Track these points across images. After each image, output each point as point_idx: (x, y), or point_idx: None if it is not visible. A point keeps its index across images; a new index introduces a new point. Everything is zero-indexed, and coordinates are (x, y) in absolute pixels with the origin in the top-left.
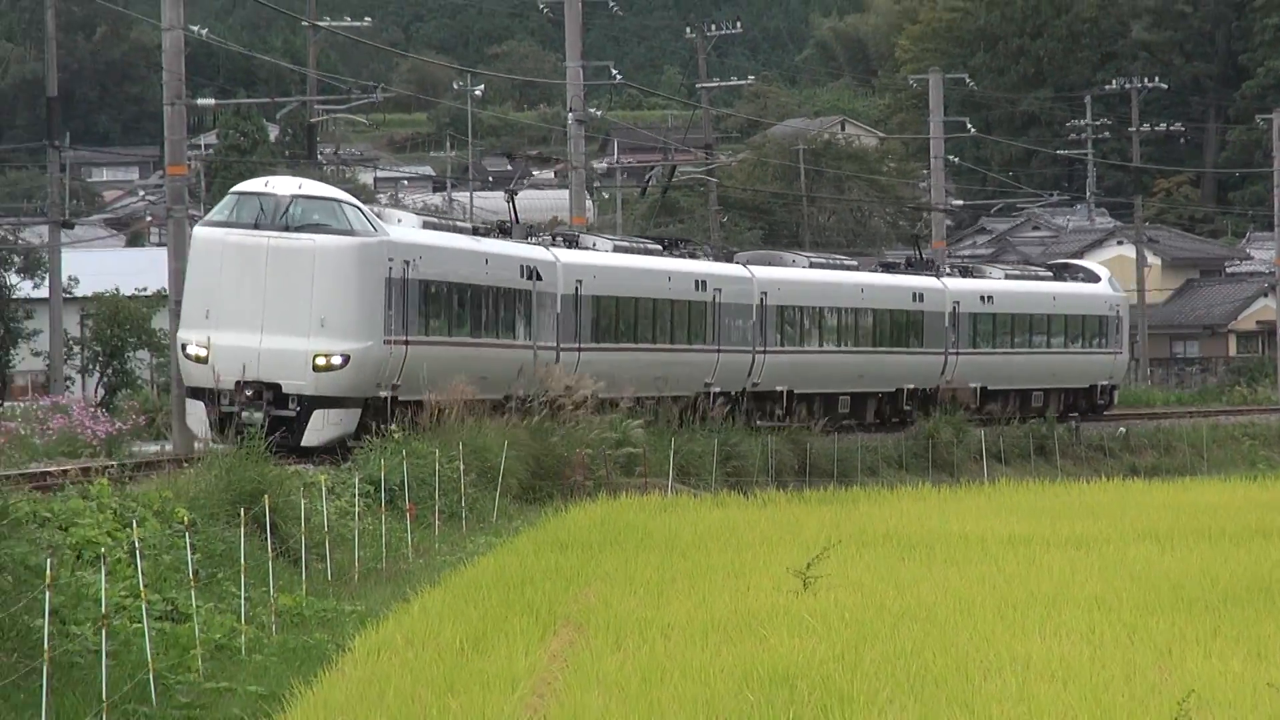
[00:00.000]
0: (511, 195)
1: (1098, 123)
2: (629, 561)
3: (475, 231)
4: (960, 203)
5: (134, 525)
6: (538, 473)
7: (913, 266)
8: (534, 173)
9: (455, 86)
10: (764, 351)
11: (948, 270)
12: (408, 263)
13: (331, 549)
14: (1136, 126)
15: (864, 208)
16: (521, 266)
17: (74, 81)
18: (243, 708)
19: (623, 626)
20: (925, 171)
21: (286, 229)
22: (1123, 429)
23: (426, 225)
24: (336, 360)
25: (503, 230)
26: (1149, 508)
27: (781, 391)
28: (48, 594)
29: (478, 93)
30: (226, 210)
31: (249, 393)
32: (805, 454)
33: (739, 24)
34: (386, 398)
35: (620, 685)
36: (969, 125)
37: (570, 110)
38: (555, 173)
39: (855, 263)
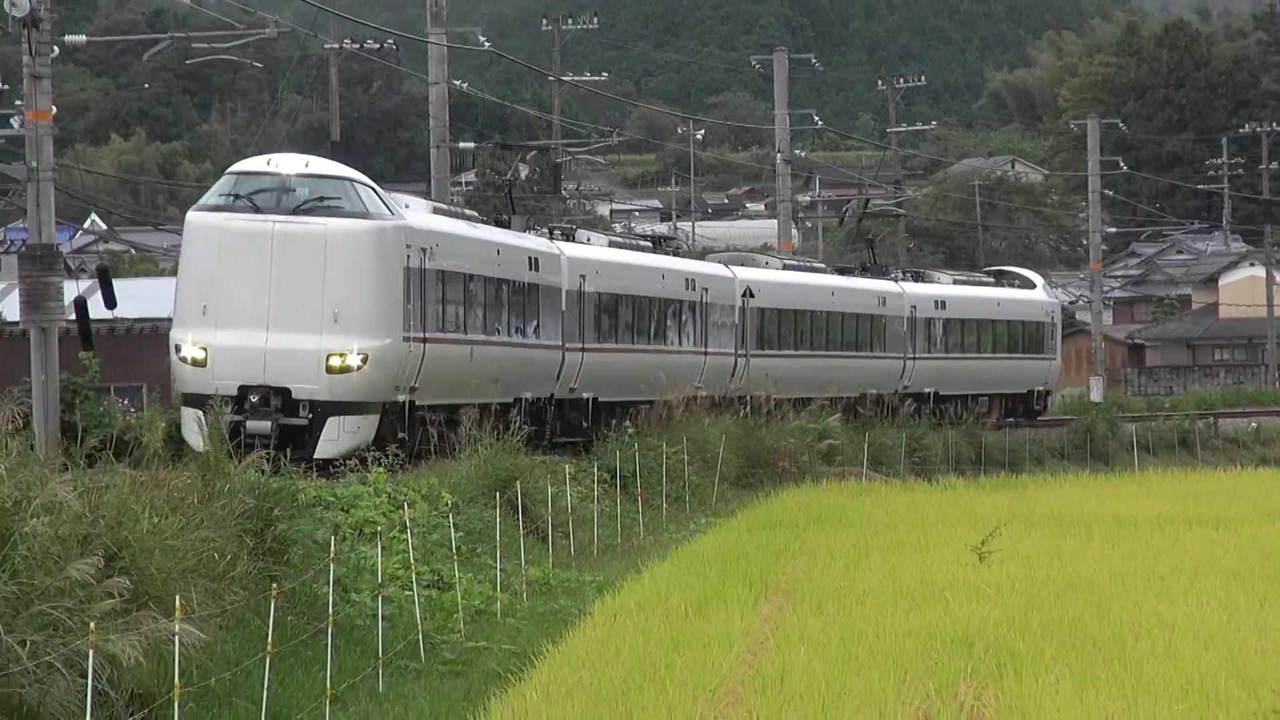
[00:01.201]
0: (509, 185)
1: (1232, 161)
2: (829, 538)
3: (468, 221)
4: (1113, 230)
5: (405, 507)
6: (749, 462)
7: (868, 271)
8: (747, 205)
9: (679, 131)
10: (746, 356)
11: (901, 275)
12: (425, 250)
13: (574, 528)
14: (1266, 164)
15: (1031, 235)
16: (529, 258)
17: (354, 128)
18: (498, 663)
19: (824, 594)
20: (1084, 203)
21: (293, 212)
22: (1254, 424)
23: (436, 211)
24: (353, 360)
25: (499, 223)
26: (1278, 493)
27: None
28: (332, 566)
29: (699, 136)
30: (224, 192)
31: (254, 399)
32: (980, 446)
33: (923, 77)
34: (404, 402)
35: (822, 645)
36: (1121, 163)
37: (778, 151)
38: (765, 205)
39: (823, 265)
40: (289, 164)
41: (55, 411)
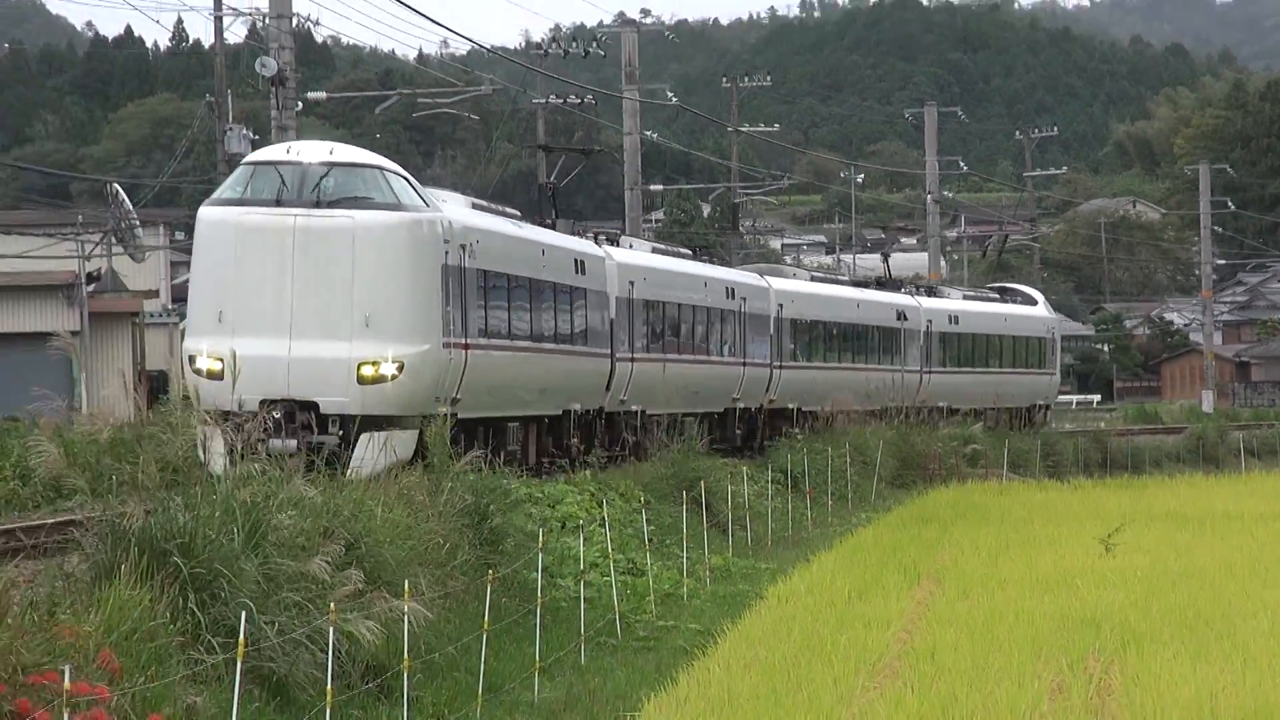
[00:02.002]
0: (553, 188)
1: None
2: (973, 532)
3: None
4: (1222, 261)
5: (604, 504)
6: (904, 464)
7: (883, 285)
8: (901, 239)
9: (842, 175)
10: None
11: (916, 290)
12: (465, 248)
13: (750, 522)
14: None
15: (1149, 266)
16: (575, 260)
17: (557, 172)
18: (685, 640)
19: (969, 581)
20: (1196, 238)
21: (317, 204)
22: None
23: (475, 207)
24: (388, 369)
25: (543, 225)
26: None
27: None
28: (540, 555)
29: (859, 180)
30: (240, 184)
31: (278, 415)
32: (1105, 450)
33: (1055, 128)
34: (445, 416)
35: (968, 625)
36: (1229, 203)
37: (928, 193)
38: (917, 239)
39: (845, 277)
40: (311, 151)
41: None
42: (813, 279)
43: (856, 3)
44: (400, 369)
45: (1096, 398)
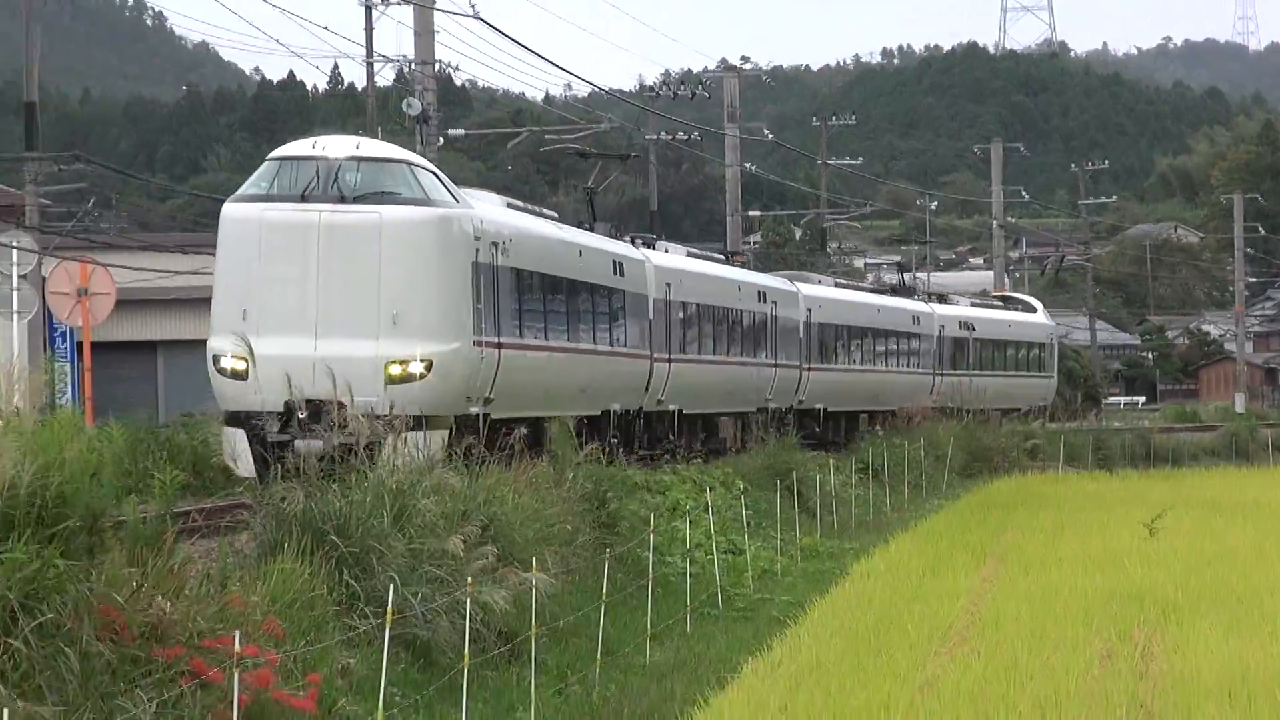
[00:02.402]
0: (590, 193)
1: None
2: (1033, 516)
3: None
4: (1254, 279)
5: (708, 491)
6: (971, 457)
7: (898, 292)
8: (970, 260)
9: (918, 203)
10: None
11: (929, 297)
12: (497, 246)
13: (836, 507)
14: None
15: (1189, 283)
16: (614, 262)
17: (667, 201)
18: (779, 611)
19: (1029, 559)
20: (1230, 259)
21: (342, 199)
22: None
23: (511, 206)
24: (416, 368)
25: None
26: None
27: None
28: (651, 536)
29: (933, 207)
30: (264, 181)
31: (303, 415)
32: (1149, 446)
33: (1106, 162)
34: (477, 415)
35: (1028, 598)
36: (1260, 229)
37: (994, 219)
38: (984, 260)
39: (865, 284)
40: (338, 146)
41: None
42: (836, 285)
43: (932, 51)
44: (428, 368)
45: (1142, 399)
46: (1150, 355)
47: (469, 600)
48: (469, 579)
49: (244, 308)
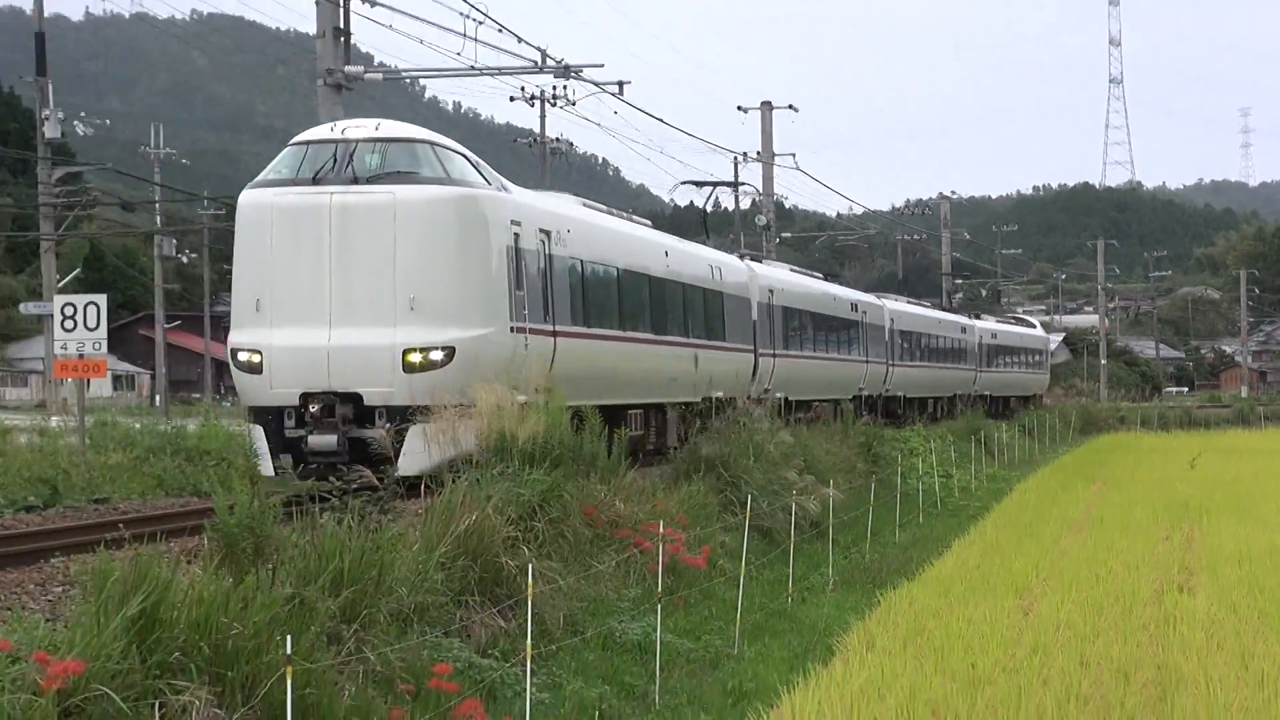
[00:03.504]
0: (704, 213)
1: None
2: (1121, 456)
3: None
4: (1252, 319)
5: (931, 441)
6: (1086, 421)
7: (946, 310)
8: (1085, 308)
9: (1054, 275)
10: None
11: (969, 315)
12: (549, 234)
13: (1007, 450)
14: None
15: (1214, 321)
16: (710, 266)
17: (908, 273)
18: (973, 511)
19: (1119, 481)
20: (1238, 307)
21: (355, 181)
22: None
23: (586, 205)
24: (436, 355)
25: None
26: None
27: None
28: (899, 467)
29: (1062, 278)
30: (282, 166)
31: (315, 408)
32: (1190, 416)
33: (1165, 251)
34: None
35: (1119, 506)
36: (1256, 289)
37: (1099, 284)
38: (1093, 309)
39: (928, 302)
40: (358, 129)
41: None
42: (909, 302)
43: (1061, 186)
44: (450, 355)
45: (1185, 389)
46: (1191, 363)
47: (794, 504)
48: (794, 491)
49: (258, 297)
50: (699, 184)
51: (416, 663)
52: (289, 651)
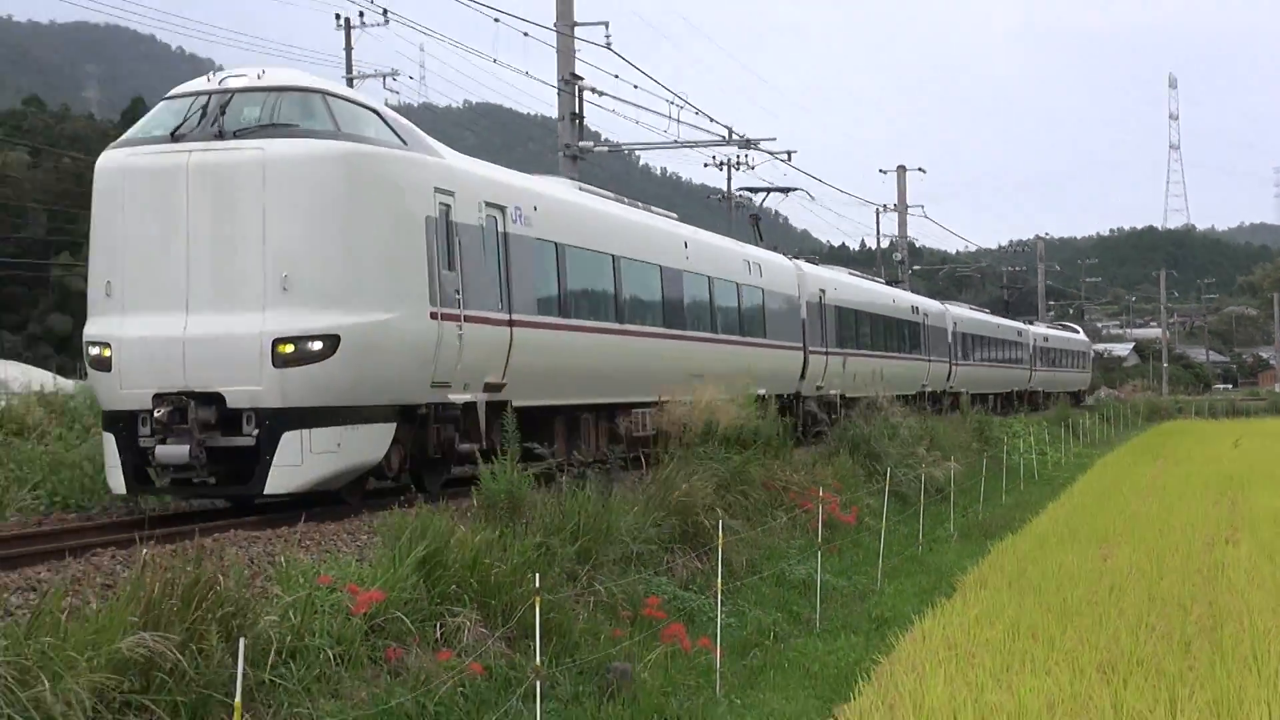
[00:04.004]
0: (755, 220)
1: None
2: (1179, 438)
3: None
4: None
5: (1030, 426)
6: (1151, 410)
7: (1004, 315)
8: (1150, 324)
9: (1126, 298)
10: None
11: (1023, 321)
12: (503, 210)
13: (1088, 433)
14: None
15: (1253, 333)
16: (746, 262)
17: (1018, 297)
18: (1063, 481)
19: (1178, 458)
20: (1274, 321)
21: (221, 135)
22: None
23: (583, 189)
24: (314, 345)
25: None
26: None
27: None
28: (1005, 446)
29: (1132, 299)
30: (149, 122)
31: (160, 414)
32: (1234, 406)
33: (1214, 279)
34: (469, 403)
35: (1178, 478)
36: None
37: (1161, 305)
38: (1156, 324)
39: (987, 309)
40: (240, 77)
41: None
42: (970, 309)
43: (1132, 228)
44: (332, 345)
45: (1230, 386)
46: (1234, 365)
47: (923, 474)
48: (923, 464)
49: (108, 279)
50: (754, 190)
51: (634, 595)
52: (538, 585)
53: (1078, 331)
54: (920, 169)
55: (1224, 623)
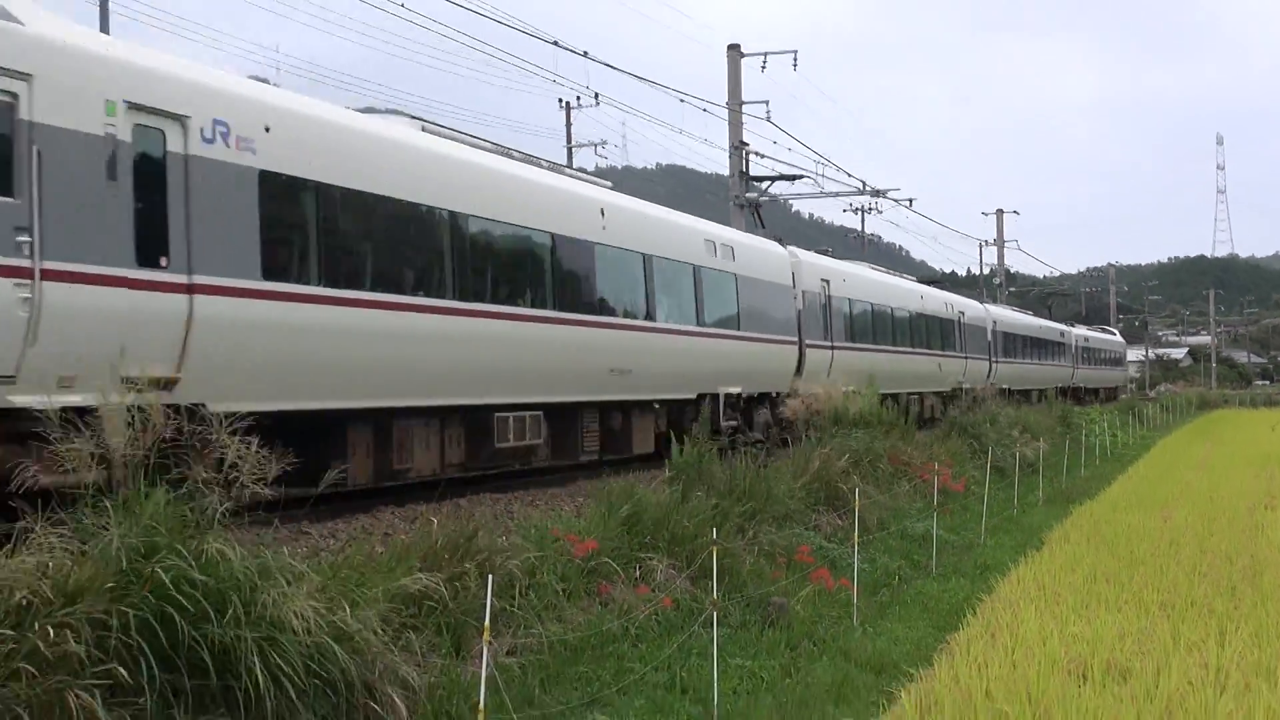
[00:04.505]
0: (755, 209)
1: None
2: (1224, 425)
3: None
4: None
5: (1104, 415)
6: (1201, 403)
7: (1043, 317)
8: (1201, 333)
9: (1181, 312)
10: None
11: (1066, 324)
12: (177, 124)
13: (1152, 420)
14: None
15: None
16: (707, 242)
17: (1090, 312)
18: (1131, 458)
19: (1224, 439)
20: None
21: None
22: None
23: (425, 129)
24: None
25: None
26: None
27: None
28: (1083, 429)
29: (1187, 314)
30: None
31: None
32: (1270, 399)
33: (1253, 297)
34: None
35: (1224, 456)
36: None
37: (1211, 318)
38: (1207, 333)
39: (1029, 311)
40: None
41: None
42: (1012, 309)
43: (1185, 255)
44: None
45: (1268, 382)
46: (1271, 366)
47: (1017, 452)
48: (1016, 445)
49: None
50: (760, 179)
51: (788, 545)
52: (715, 537)
53: (1114, 334)
54: (1015, 211)
55: (1263, 571)
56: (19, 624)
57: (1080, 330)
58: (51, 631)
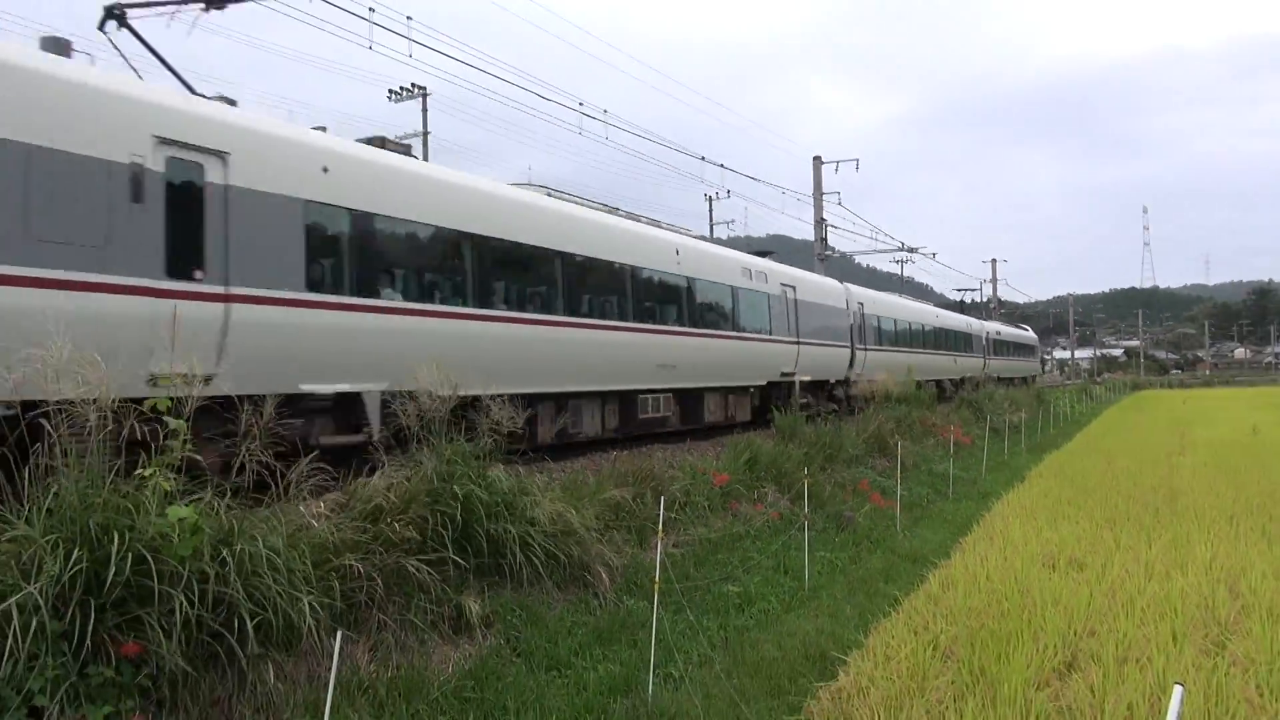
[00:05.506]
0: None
1: None
2: (1151, 400)
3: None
4: None
5: (1072, 391)
6: (1136, 385)
7: (1014, 326)
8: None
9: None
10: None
11: (1036, 332)
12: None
13: (1101, 397)
14: None
15: None
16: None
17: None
18: (1085, 421)
19: (1150, 410)
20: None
21: None
22: None
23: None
24: None
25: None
26: None
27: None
28: (1052, 404)
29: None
30: None
31: None
32: (1183, 382)
33: (1172, 322)
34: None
35: (1150, 420)
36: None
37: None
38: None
39: (1012, 325)
40: None
41: None
42: (999, 324)
43: (1131, 288)
44: None
45: (1179, 371)
46: (1182, 361)
47: (1007, 418)
48: (1007, 413)
49: None
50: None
51: (854, 479)
52: (806, 473)
53: (1028, 330)
54: (1005, 259)
55: (1177, 497)
56: (375, 519)
57: (992, 325)
58: (396, 525)
